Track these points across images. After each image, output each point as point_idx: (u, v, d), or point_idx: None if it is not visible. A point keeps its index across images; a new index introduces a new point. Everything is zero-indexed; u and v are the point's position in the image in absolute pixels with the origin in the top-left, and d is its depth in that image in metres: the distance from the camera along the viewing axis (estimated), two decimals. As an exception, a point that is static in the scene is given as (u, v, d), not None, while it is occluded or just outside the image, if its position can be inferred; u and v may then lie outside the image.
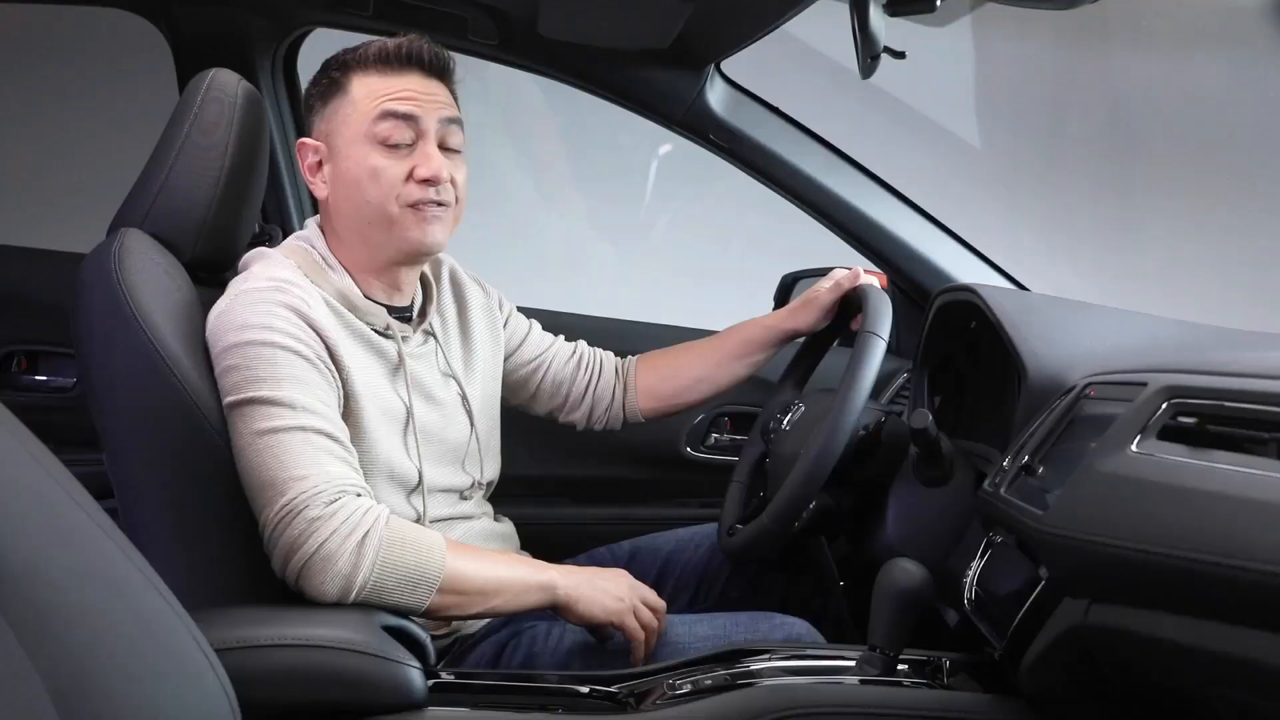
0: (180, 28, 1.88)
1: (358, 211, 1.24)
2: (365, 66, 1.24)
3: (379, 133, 1.22)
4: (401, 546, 1.09)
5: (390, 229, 1.23)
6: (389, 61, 1.23)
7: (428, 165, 1.22)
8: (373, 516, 1.08)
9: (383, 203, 1.22)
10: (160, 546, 1.12)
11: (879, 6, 1.40)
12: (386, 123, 1.21)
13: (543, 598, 1.18)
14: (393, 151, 1.22)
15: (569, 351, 1.57)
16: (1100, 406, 1.01)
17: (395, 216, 1.22)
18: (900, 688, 1.08)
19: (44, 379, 1.97)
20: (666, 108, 1.82)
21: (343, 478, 1.10)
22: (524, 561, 1.22)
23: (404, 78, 1.23)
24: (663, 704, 1.05)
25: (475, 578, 1.14)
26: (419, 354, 1.31)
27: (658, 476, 1.98)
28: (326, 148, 1.26)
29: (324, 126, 1.26)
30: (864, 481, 1.33)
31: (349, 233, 1.26)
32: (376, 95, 1.22)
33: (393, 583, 1.08)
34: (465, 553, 1.16)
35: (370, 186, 1.22)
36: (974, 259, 1.91)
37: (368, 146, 1.22)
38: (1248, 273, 3.19)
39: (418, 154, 1.22)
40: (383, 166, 1.22)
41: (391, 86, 1.23)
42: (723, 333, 1.59)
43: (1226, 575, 0.72)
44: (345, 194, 1.24)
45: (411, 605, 1.10)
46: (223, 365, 1.13)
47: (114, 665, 0.68)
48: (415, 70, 1.24)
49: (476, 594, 1.14)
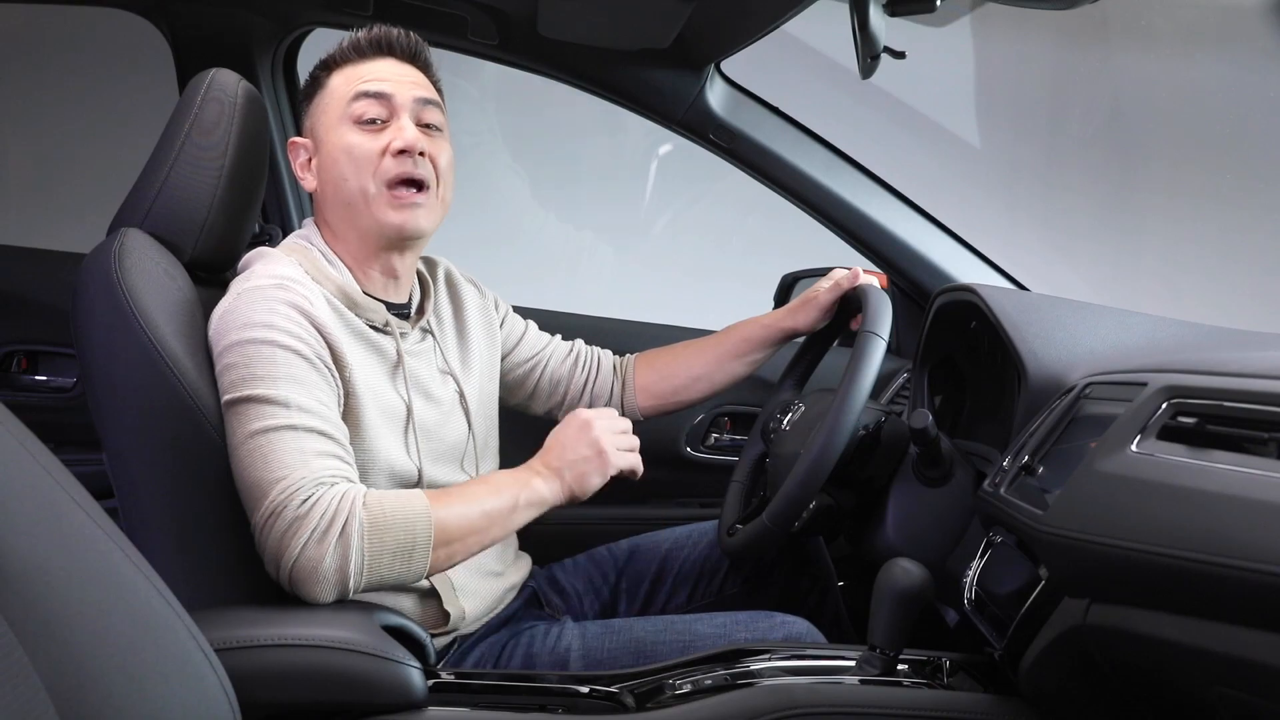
0: (180, 28, 1.88)
1: (338, 193, 1.25)
2: (342, 60, 1.29)
3: (354, 112, 1.25)
4: (385, 522, 1.07)
5: (369, 208, 1.24)
6: (361, 50, 1.29)
7: (401, 137, 1.23)
8: (349, 501, 1.06)
9: (360, 180, 1.23)
10: (160, 546, 1.11)
11: (879, 6, 1.40)
12: (360, 102, 1.25)
13: (536, 511, 1.18)
14: (368, 128, 1.24)
15: (566, 350, 1.57)
16: (1100, 406, 1.02)
17: (372, 195, 1.23)
18: (900, 688, 1.08)
19: (44, 379, 1.97)
20: (666, 108, 1.82)
21: (323, 469, 1.08)
22: (506, 481, 1.19)
23: (377, 63, 1.28)
24: (663, 704, 1.05)
25: (463, 521, 1.12)
26: (417, 351, 1.31)
27: (658, 476, 1.96)
28: (313, 142, 1.29)
29: (309, 123, 1.30)
30: (864, 481, 1.33)
31: (337, 220, 1.27)
32: (350, 80, 1.27)
33: (386, 560, 1.07)
34: (446, 499, 1.14)
35: (347, 164, 1.24)
36: (974, 259, 1.92)
37: (344, 127, 1.25)
38: (1248, 273, 3.19)
39: (392, 129, 1.25)
40: (358, 143, 1.24)
41: (365, 72, 1.27)
42: (722, 332, 1.59)
43: (1226, 575, 0.72)
44: (327, 178, 1.26)
45: (413, 573, 1.09)
46: (223, 363, 1.12)
47: (114, 665, 0.68)
48: (387, 56, 1.29)
49: (469, 534, 1.13)
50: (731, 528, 1.41)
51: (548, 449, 1.23)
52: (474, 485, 1.20)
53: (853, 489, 1.34)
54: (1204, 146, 3.18)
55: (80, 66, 2.62)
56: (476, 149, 3.07)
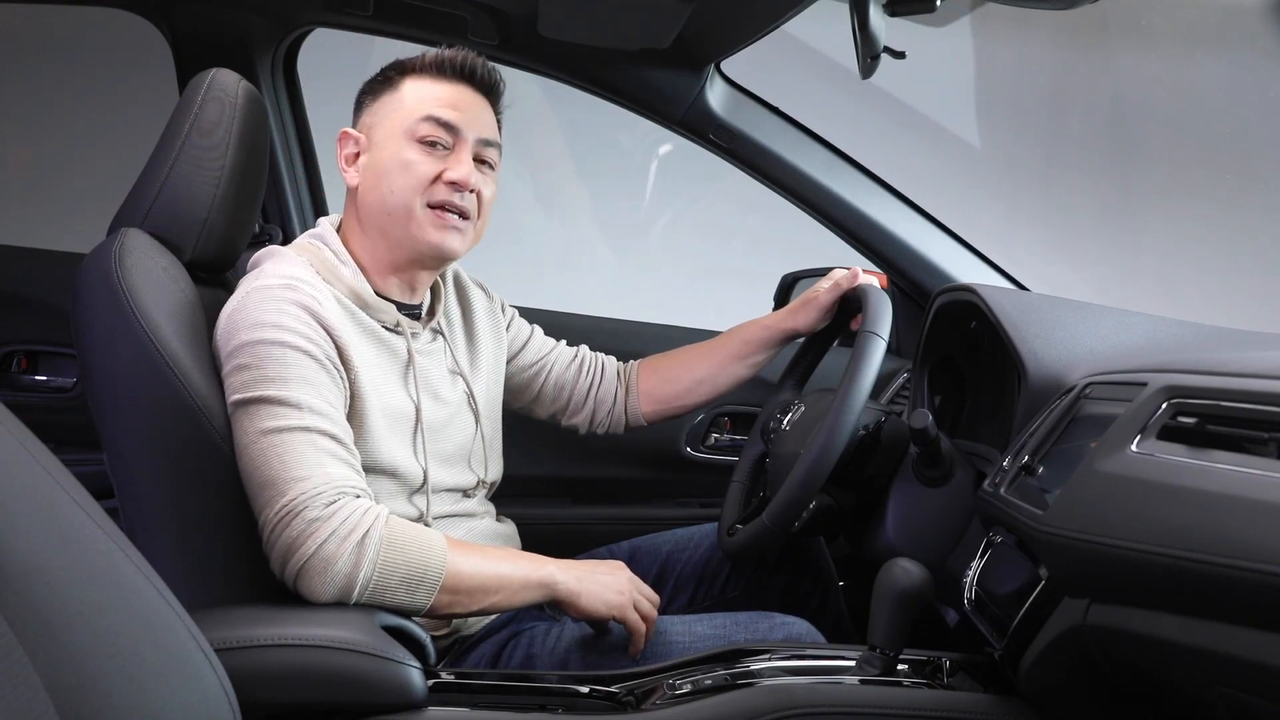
0: (180, 28, 1.88)
1: (382, 201, 1.26)
2: (420, 71, 1.29)
3: (420, 131, 1.25)
4: (402, 547, 1.09)
5: (409, 224, 1.25)
6: (443, 69, 1.29)
7: (458, 169, 1.25)
8: (372, 516, 1.08)
9: (408, 196, 1.25)
10: (160, 546, 1.12)
11: (879, 6, 1.40)
12: (428, 125, 1.26)
13: (543, 593, 1.18)
14: (429, 150, 1.26)
15: (571, 355, 1.57)
16: (1100, 406, 1.01)
17: (416, 213, 1.25)
18: (900, 688, 1.08)
19: (44, 379, 1.97)
20: (666, 108, 1.82)
21: (343, 479, 1.10)
22: (523, 557, 1.22)
23: (455, 87, 1.29)
24: (663, 704, 1.05)
25: (475, 575, 1.13)
26: (428, 351, 1.32)
27: (658, 476, 1.98)
28: (366, 139, 1.29)
29: (368, 119, 1.30)
30: (864, 481, 1.33)
31: (370, 225, 1.28)
32: (425, 98, 1.27)
33: (394, 582, 1.08)
34: (465, 550, 1.15)
35: (399, 177, 1.25)
36: (974, 259, 1.91)
37: (406, 141, 1.26)
38: (1248, 273, 3.19)
39: (451, 159, 1.26)
40: (415, 161, 1.25)
41: (441, 93, 1.28)
42: (723, 334, 1.59)
43: (1226, 575, 0.72)
44: (374, 183, 1.27)
45: (414, 606, 1.10)
46: (232, 363, 1.13)
47: (114, 665, 0.68)
48: (467, 83, 1.30)
49: (477, 591, 1.14)
50: (731, 528, 1.41)
51: (577, 563, 1.24)
52: (495, 549, 1.24)
53: (853, 489, 1.34)
54: (1204, 147, 3.18)
55: (80, 66, 2.62)
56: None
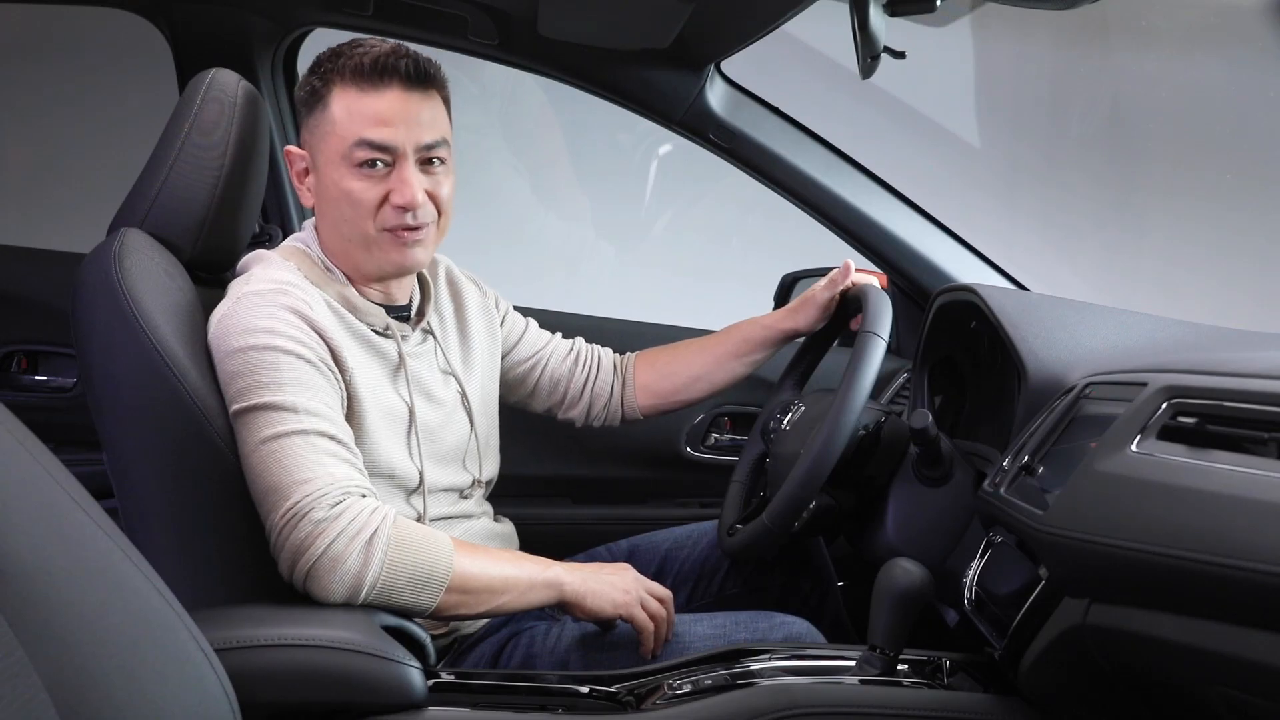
0: (180, 28, 1.88)
1: (337, 229, 1.24)
2: (344, 80, 1.19)
3: (356, 157, 1.19)
4: (409, 546, 1.09)
5: (369, 249, 1.23)
6: (366, 76, 1.18)
7: (402, 193, 1.19)
8: (379, 517, 1.08)
9: (359, 225, 1.22)
10: (160, 546, 1.12)
11: (879, 6, 1.40)
12: (363, 149, 1.18)
13: (549, 595, 1.18)
14: (369, 174, 1.19)
15: (566, 348, 1.57)
16: (1100, 406, 1.01)
17: (373, 239, 1.22)
18: (900, 688, 1.08)
19: (44, 379, 1.97)
20: (666, 108, 1.82)
21: (347, 479, 1.10)
22: (529, 559, 1.22)
23: (383, 94, 1.18)
24: (663, 704, 1.05)
25: (482, 576, 1.13)
26: (418, 353, 1.31)
27: (658, 476, 1.98)
28: (310, 158, 1.25)
29: (308, 137, 1.25)
30: (864, 481, 1.33)
31: (335, 244, 1.26)
32: (354, 116, 1.18)
33: (401, 583, 1.08)
34: (471, 551, 1.16)
35: (346, 208, 1.21)
36: (974, 259, 1.91)
37: (344, 169, 1.20)
38: (1248, 273, 3.19)
39: (394, 178, 1.20)
40: (358, 190, 1.20)
41: (369, 107, 1.18)
42: (722, 331, 1.59)
43: (1226, 575, 0.72)
44: (326, 210, 1.25)
45: (420, 606, 1.10)
46: (227, 371, 1.13)
47: (114, 665, 0.68)
48: (394, 84, 1.19)
49: (484, 592, 1.14)
50: (731, 528, 1.41)
51: (584, 565, 1.24)
52: (501, 552, 1.24)
53: (853, 489, 1.34)
54: (1204, 146, 3.18)
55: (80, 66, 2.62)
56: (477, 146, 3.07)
